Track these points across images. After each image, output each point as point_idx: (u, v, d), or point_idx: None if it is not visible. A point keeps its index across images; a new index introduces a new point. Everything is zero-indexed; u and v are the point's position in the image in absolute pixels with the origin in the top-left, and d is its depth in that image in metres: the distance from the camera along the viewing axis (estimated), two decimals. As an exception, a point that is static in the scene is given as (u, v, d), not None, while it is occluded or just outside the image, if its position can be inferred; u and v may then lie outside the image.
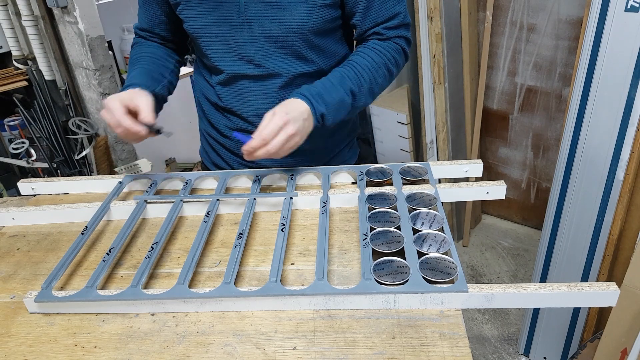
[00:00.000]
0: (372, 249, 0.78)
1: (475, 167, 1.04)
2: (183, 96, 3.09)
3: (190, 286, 0.75)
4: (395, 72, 1.07)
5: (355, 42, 1.10)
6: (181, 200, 0.97)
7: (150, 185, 1.04)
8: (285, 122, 0.89)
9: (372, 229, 0.83)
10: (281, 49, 0.99)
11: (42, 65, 2.27)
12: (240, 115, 1.09)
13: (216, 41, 1.01)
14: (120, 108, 0.91)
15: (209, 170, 1.26)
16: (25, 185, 1.11)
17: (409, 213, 0.86)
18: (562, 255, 1.66)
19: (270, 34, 0.97)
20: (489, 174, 2.61)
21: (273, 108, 0.92)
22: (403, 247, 0.78)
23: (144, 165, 2.35)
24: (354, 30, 1.07)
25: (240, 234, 0.85)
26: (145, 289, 0.77)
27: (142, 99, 0.94)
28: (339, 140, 1.19)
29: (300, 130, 0.92)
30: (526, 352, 1.88)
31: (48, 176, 2.17)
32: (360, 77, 0.99)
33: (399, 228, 0.83)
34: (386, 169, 1.02)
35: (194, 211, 0.99)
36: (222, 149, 1.18)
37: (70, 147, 2.37)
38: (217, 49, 1.02)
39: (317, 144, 1.12)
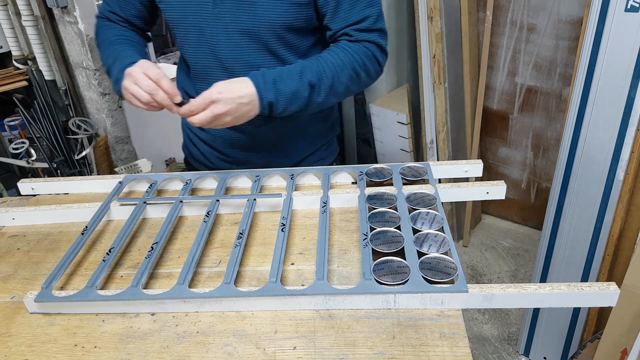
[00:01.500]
0: (372, 249, 0.79)
1: (475, 167, 1.04)
2: (183, 96, 3.08)
3: (190, 286, 0.75)
4: (364, 77, 1.03)
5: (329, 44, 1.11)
6: (180, 202, 0.97)
7: (150, 185, 1.04)
8: (214, 100, 0.90)
9: (372, 229, 0.83)
10: (253, 43, 1.00)
11: (42, 65, 2.26)
12: None
13: (192, 32, 1.02)
14: (148, 79, 0.90)
15: (191, 165, 1.27)
16: (25, 185, 1.11)
17: (409, 213, 0.86)
18: (562, 255, 1.65)
19: (242, 28, 0.98)
20: (489, 174, 2.61)
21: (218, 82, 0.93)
22: (403, 247, 0.78)
23: (144, 165, 2.35)
24: (327, 32, 1.05)
25: (240, 234, 0.85)
26: (145, 289, 0.77)
27: (160, 72, 0.92)
28: (313, 138, 1.18)
29: (233, 112, 0.91)
30: (526, 352, 1.88)
31: (48, 176, 2.17)
32: (322, 72, 0.97)
33: (399, 228, 0.83)
34: (386, 169, 1.02)
35: (193, 211, 0.99)
36: (201, 143, 1.19)
37: (70, 147, 2.37)
38: (192, 39, 1.03)
39: (287, 140, 1.13)
